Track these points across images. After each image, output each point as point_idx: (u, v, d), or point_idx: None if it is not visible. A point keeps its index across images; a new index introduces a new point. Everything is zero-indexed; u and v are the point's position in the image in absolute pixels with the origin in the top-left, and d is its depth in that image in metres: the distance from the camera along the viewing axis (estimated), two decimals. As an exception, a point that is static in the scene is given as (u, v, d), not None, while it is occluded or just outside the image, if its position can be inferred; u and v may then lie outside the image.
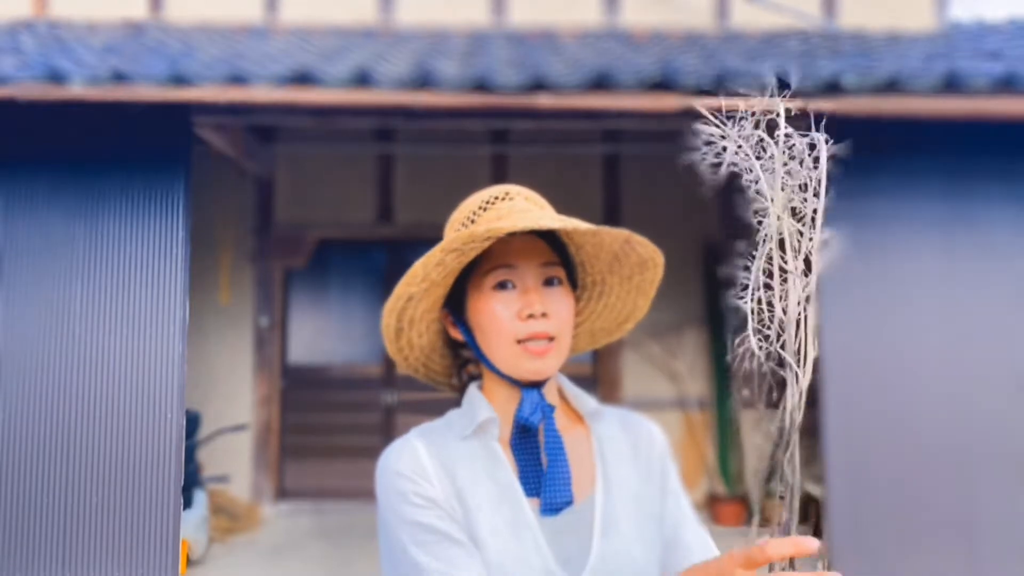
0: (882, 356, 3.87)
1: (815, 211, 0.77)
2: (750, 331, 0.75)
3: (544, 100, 3.74)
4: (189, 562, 4.30)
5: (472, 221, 1.03)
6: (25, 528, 3.58)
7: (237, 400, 5.78)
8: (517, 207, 1.01)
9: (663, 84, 3.71)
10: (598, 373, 5.93)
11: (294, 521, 5.52)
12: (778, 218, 0.77)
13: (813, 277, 0.75)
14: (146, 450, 3.65)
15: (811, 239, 0.76)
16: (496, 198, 1.04)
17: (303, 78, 3.69)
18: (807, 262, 0.75)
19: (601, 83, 3.70)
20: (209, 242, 5.66)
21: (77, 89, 3.61)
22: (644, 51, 4.84)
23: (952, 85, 3.69)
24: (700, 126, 0.82)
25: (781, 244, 0.77)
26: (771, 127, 0.81)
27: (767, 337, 0.74)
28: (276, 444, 5.89)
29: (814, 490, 4.44)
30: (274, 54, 4.41)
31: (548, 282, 1.00)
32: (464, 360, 1.12)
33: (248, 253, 5.89)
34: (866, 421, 3.80)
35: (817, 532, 4.06)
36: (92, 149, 3.86)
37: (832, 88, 3.70)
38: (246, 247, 5.90)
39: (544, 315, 0.97)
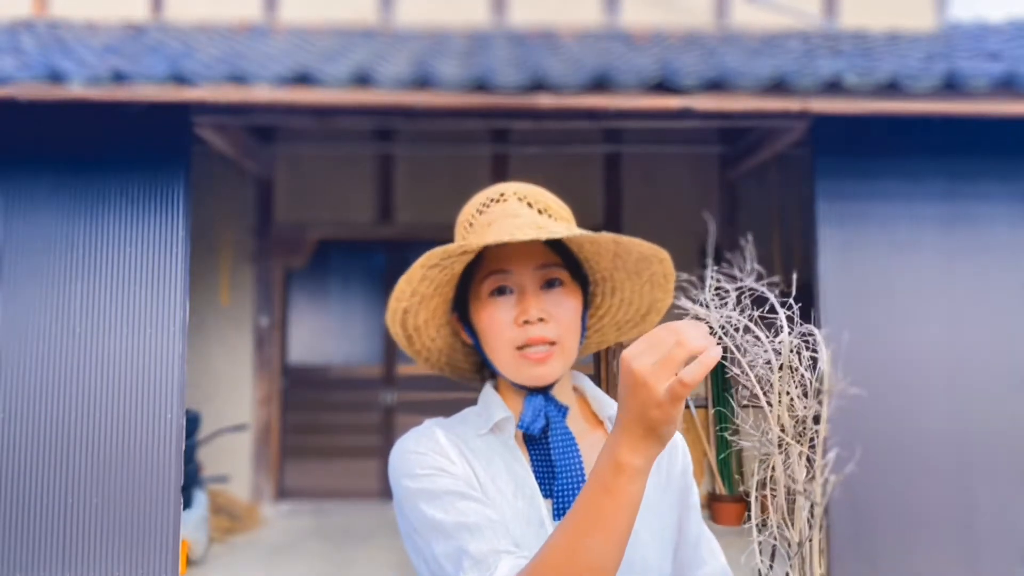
0: (882, 356, 3.87)
1: (816, 417, 0.75)
2: (756, 551, 0.74)
3: (544, 100, 3.74)
4: (189, 562, 4.30)
5: (471, 225, 1.01)
6: (25, 528, 3.58)
7: (237, 400, 5.78)
8: (508, 210, 0.99)
9: (663, 84, 3.71)
10: (599, 372, 5.93)
11: (294, 521, 5.52)
12: (781, 427, 0.75)
13: (818, 495, 0.74)
14: (146, 450, 3.64)
15: (812, 452, 0.74)
16: (492, 200, 1.01)
17: (303, 78, 3.69)
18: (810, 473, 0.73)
19: (601, 83, 3.69)
20: (209, 242, 5.66)
21: (77, 89, 3.61)
22: (644, 51, 4.84)
23: (952, 85, 3.69)
24: (685, 303, 0.79)
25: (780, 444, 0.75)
26: (759, 301, 0.79)
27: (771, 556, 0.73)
28: (276, 444, 5.89)
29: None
30: (274, 54, 4.41)
31: (549, 284, 0.98)
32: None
33: (248, 253, 5.89)
34: (866, 420, 3.79)
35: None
36: (92, 149, 3.86)
37: (832, 88, 3.70)
38: (246, 247, 5.89)
39: (542, 320, 0.95)
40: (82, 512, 3.60)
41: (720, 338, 0.74)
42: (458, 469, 0.93)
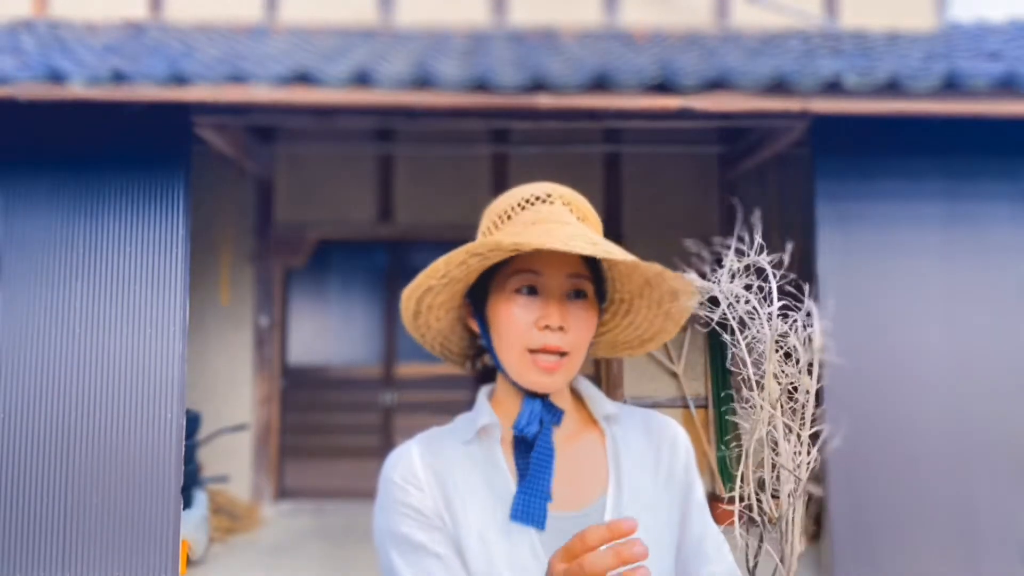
0: (882, 356, 3.87)
1: (808, 392, 0.75)
2: (736, 523, 0.75)
3: (544, 100, 3.74)
4: (189, 562, 4.30)
5: (509, 218, 1.00)
6: (25, 528, 3.58)
7: (237, 400, 5.77)
8: (555, 215, 0.98)
9: (663, 84, 3.71)
10: (599, 372, 5.93)
11: (294, 521, 5.52)
12: (771, 408, 0.75)
13: (803, 470, 0.74)
14: (146, 450, 3.65)
15: (803, 427, 0.74)
16: (536, 198, 1.01)
17: (303, 78, 3.69)
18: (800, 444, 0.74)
19: (601, 83, 3.70)
20: (209, 242, 5.66)
21: (77, 89, 3.61)
22: (644, 51, 4.84)
23: (952, 85, 3.68)
24: (694, 278, 0.80)
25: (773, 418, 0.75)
26: (763, 272, 0.78)
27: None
28: (276, 444, 5.89)
29: (814, 490, 4.43)
30: (274, 54, 4.41)
31: (575, 294, 0.98)
32: (482, 348, 1.10)
33: (248, 253, 5.89)
34: (866, 421, 3.79)
35: (817, 532, 4.06)
36: (92, 149, 3.86)
37: (832, 88, 3.70)
38: (246, 247, 5.89)
39: (561, 328, 0.95)
40: (82, 512, 3.60)
41: (726, 311, 0.75)
42: (427, 502, 0.94)
